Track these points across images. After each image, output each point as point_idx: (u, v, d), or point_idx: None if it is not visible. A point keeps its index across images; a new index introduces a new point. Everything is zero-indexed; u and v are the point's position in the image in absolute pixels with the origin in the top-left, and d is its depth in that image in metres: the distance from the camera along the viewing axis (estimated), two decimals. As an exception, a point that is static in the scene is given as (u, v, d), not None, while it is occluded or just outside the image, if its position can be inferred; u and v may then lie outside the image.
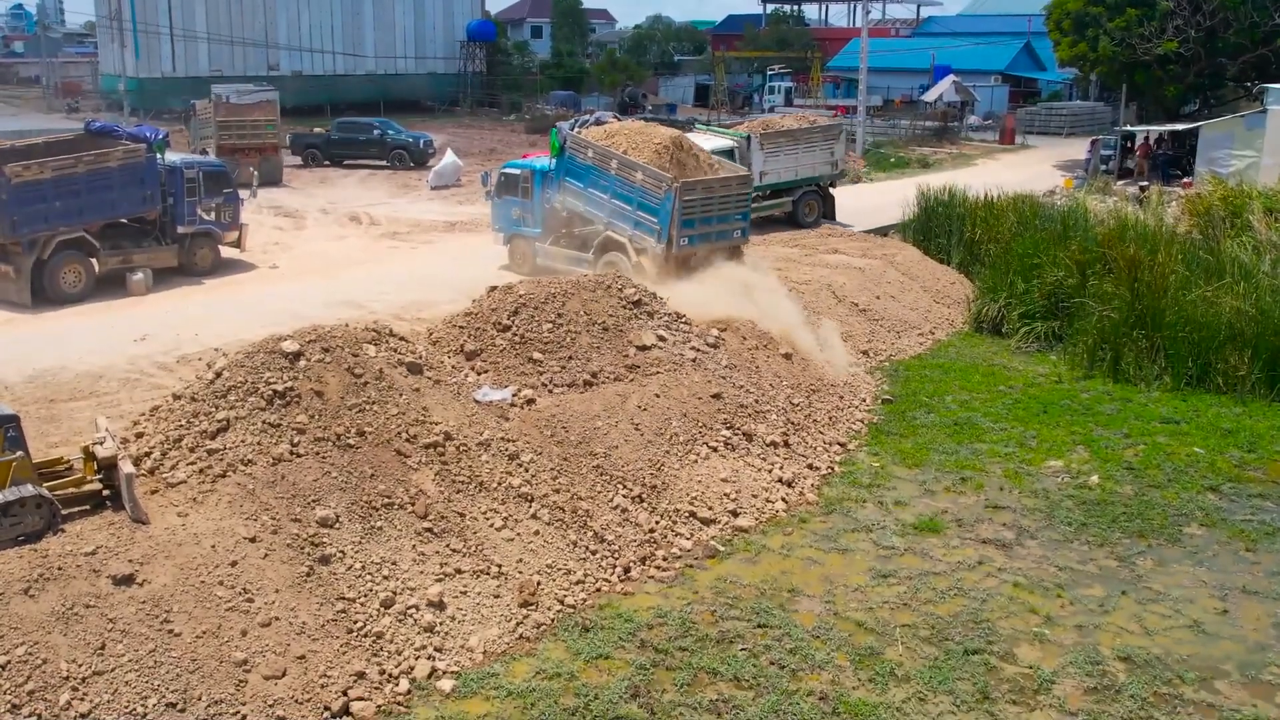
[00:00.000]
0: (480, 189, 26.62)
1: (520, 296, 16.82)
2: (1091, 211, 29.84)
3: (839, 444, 17.36)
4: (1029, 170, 46.28)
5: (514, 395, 14.95)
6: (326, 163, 43.12)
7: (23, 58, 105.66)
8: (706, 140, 28.88)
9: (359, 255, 26.98)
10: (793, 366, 18.78)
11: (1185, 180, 39.36)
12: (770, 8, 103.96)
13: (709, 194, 21.16)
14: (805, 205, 31.44)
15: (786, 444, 16.47)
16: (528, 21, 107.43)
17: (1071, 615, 12.28)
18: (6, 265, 20.94)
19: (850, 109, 65.58)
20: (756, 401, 16.97)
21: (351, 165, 42.73)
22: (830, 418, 18.05)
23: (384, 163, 42.87)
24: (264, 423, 12.75)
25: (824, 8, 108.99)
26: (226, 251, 25.05)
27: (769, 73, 76.54)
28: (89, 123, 23.88)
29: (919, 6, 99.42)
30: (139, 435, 13.17)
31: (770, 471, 15.64)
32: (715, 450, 15.55)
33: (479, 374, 15.79)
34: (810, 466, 16.31)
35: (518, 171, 24.30)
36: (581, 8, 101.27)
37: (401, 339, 14.75)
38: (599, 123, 23.61)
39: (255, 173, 25.86)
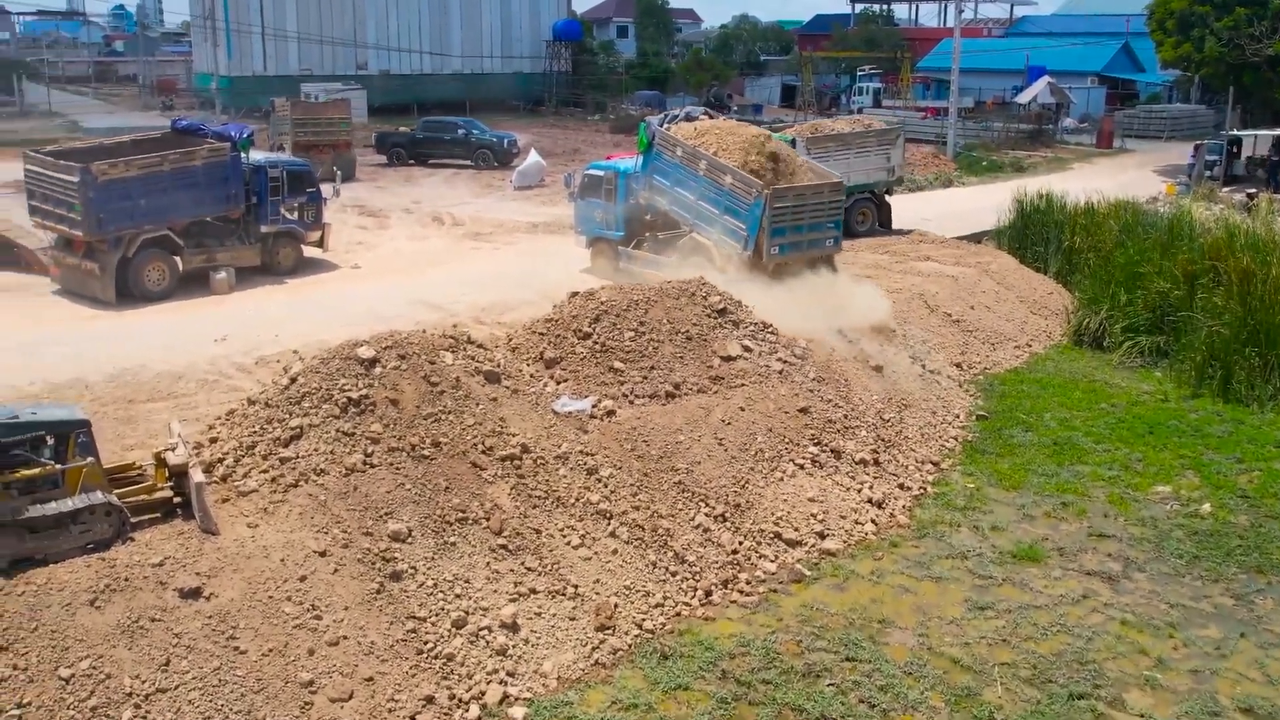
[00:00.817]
0: (563, 190, 26.19)
1: (602, 303, 16.33)
2: (1197, 219, 28.55)
3: (932, 463, 16.60)
4: (1128, 175, 44.74)
5: (594, 406, 14.46)
6: (411, 161, 43.21)
7: (123, 57, 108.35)
8: None
9: (441, 255, 26.77)
10: (883, 380, 18.05)
11: (1298, 187, 37.61)
12: (859, 7, 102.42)
13: (800, 201, 20.42)
14: (859, 213, 30.12)
15: (876, 462, 15.77)
16: (613, 21, 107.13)
17: (1185, 658, 11.44)
18: (92, 263, 21.04)
19: (941, 110, 64.28)
20: (845, 416, 16.29)
21: (436, 164, 42.76)
22: (923, 434, 17.29)
23: (468, 162, 42.83)
24: (337, 431, 12.42)
25: (914, 7, 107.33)
26: (309, 251, 25.00)
27: (859, 73, 75.18)
28: (175, 120, 23.99)
29: (1012, 6, 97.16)
30: (213, 440, 12.94)
31: (859, 491, 14.97)
32: (802, 468, 14.92)
33: (558, 383, 15.33)
34: (901, 486, 15.60)
35: (601, 173, 23.84)
36: (667, 7, 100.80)
37: (480, 346, 14.35)
38: (689, 118, 22.85)
39: (338, 171, 25.73)
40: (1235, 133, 42.02)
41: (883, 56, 77.80)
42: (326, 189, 25.09)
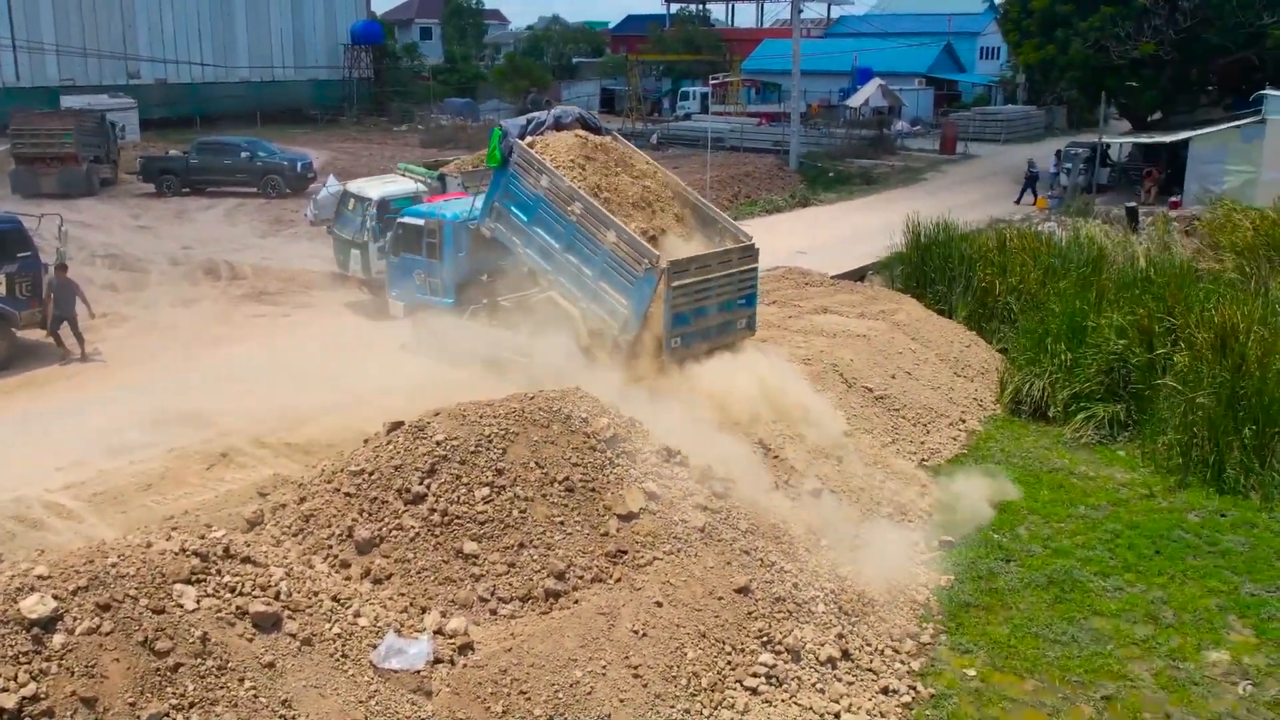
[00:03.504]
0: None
1: (438, 445, 10.99)
2: (1092, 240, 25.31)
3: (910, 637, 11.96)
4: (988, 186, 41.88)
5: (436, 639, 9.17)
6: (185, 191, 36.46)
7: None
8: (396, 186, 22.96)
9: (213, 328, 20.71)
10: (820, 505, 13.40)
11: (1173, 199, 35.06)
12: (674, 7, 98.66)
13: (706, 275, 15.29)
14: None
15: (847, 655, 11.02)
16: (416, 22, 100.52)
17: None
18: None
19: (774, 116, 60.95)
20: (796, 585, 11.47)
21: (216, 194, 36.15)
22: (889, 589, 12.64)
23: (254, 190, 36.36)
24: (-25, 778, 6.86)
25: (730, 7, 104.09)
26: (28, 334, 18.65)
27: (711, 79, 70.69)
28: None
29: (829, 5, 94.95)
30: None
31: (838, 717, 10.18)
32: (754, 692, 10.03)
33: (376, 582, 9.98)
34: (885, 691, 10.88)
35: (421, 222, 18.31)
36: (479, 7, 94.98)
37: (245, 561, 8.83)
38: (559, 124, 17.01)
39: (65, 230, 19.38)
40: (1107, 140, 39.41)
41: (709, 59, 73.94)
42: (51, 251, 18.72)
